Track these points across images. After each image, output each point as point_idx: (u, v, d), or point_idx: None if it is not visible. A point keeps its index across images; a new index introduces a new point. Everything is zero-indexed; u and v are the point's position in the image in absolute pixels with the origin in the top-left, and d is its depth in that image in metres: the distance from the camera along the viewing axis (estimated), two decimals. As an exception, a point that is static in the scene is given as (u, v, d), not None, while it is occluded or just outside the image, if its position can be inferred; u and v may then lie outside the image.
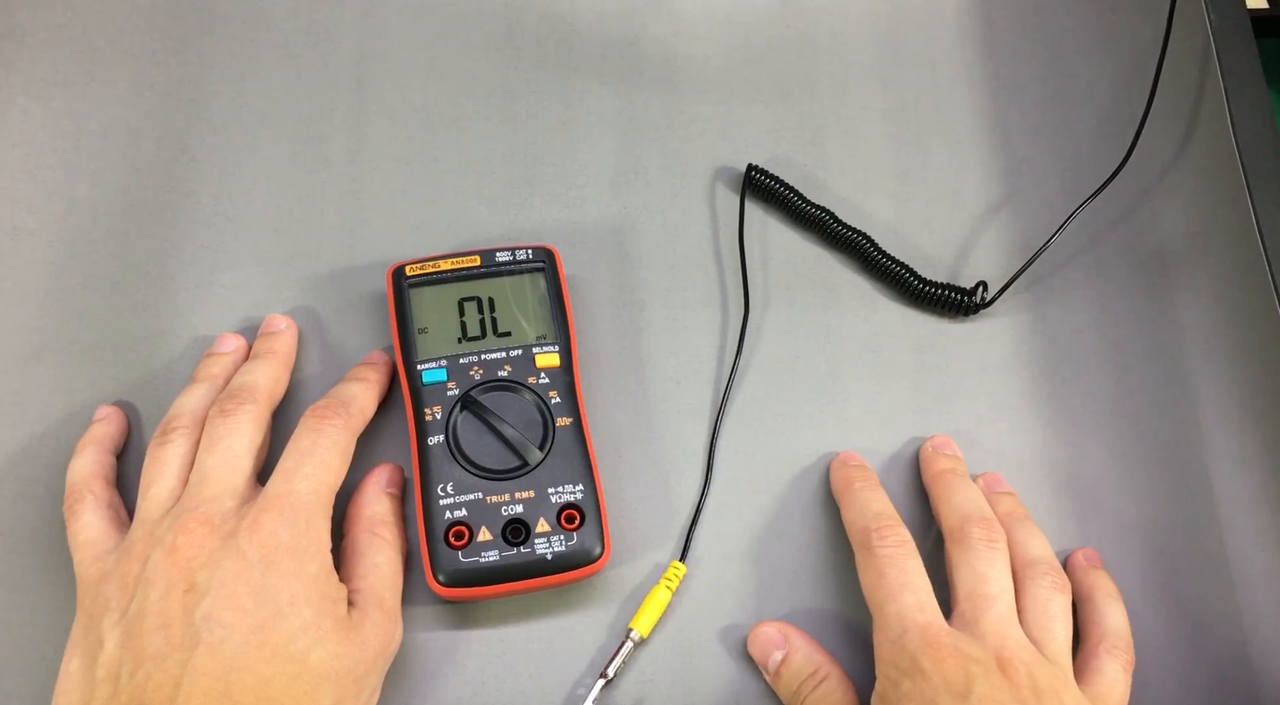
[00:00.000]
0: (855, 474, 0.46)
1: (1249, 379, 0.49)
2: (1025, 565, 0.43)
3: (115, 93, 0.54)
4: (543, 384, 0.45)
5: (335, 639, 0.38)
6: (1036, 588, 0.42)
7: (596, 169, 0.54)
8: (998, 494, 0.46)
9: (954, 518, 0.44)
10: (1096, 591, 0.44)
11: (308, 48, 0.56)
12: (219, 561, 0.38)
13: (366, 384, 0.46)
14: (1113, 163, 0.53)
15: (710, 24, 0.57)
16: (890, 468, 0.48)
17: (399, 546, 0.44)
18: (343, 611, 0.39)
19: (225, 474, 0.41)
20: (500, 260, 0.48)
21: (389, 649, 0.41)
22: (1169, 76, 0.54)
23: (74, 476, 0.44)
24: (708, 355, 0.50)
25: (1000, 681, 0.38)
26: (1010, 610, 0.41)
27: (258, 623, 0.37)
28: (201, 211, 0.52)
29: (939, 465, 0.46)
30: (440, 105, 0.55)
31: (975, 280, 0.51)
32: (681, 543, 0.46)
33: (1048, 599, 0.42)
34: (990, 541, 0.43)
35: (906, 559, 0.42)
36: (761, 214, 0.53)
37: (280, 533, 0.39)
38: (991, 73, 0.57)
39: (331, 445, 0.42)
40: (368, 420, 0.45)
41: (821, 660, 0.42)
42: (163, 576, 0.38)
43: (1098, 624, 0.43)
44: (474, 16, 0.57)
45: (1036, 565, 0.43)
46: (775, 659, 0.43)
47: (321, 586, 0.39)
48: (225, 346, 0.47)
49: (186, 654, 0.36)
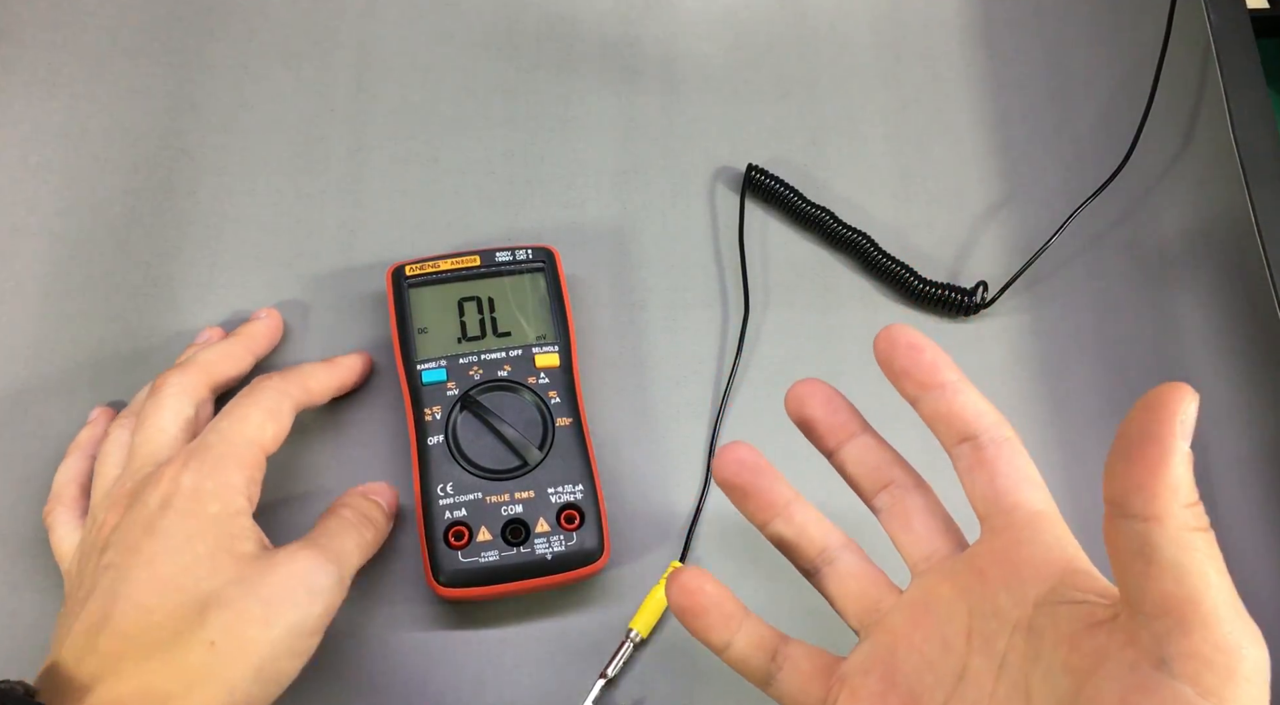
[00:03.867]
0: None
1: (1249, 379, 0.49)
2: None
3: (115, 93, 0.54)
4: (543, 384, 0.45)
5: (234, 569, 0.37)
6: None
7: (596, 169, 0.54)
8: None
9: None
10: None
11: (308, 48, 0.56)
12: (123, 517, 0.38)
13: (328, 367, 0.46)
14: (1113, 163, 0.53)
15: (710, 24, 0.57)
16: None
17: (367, 526, 0.42)
18: (248, 548, 0.38)
19: (150, 448, 0.41)
20: (500, 260, 0.48)
21: (312, 582, 0.38)
22: (1169, 76, 0.54)
23: (54, 483, 0.44)
24: (708, 355, 0.50)
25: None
26: None
27: (148, 558, 0.37)
28: (201, 211, 0.52)
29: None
30: (440, 105, 0.55)
31: (975, 280, 0.51)
32: (681, 543, 0.46)
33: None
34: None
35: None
36: (761, 214, 0.53)
37: (182, 479, 0.38)
38: (991, 73, 0.57)
39: (255, 403, 0.42)
40: (313, 399, 0.45)
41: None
42: (87, 550, 0.39)
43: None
44: (474, 16, 0.57)
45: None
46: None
47: (223, 525, 0.38)
48: (201, 338, 0.48)
49: (83, 605, 0.37)
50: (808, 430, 0.38)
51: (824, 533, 0.37)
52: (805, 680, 0.36)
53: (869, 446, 0.37)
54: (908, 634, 0.34)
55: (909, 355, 0.35)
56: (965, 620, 0.33)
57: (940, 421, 0.34)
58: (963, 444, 0.34)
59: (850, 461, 0.37)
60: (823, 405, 0.37)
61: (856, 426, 0.37)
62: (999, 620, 0.32)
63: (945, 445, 0.35)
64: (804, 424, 0.38)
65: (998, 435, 0.34)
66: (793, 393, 0.37)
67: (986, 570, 0.33)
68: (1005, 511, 0.33)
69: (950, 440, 0.34)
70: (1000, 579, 0.32)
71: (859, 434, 0.37)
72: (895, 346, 0.35)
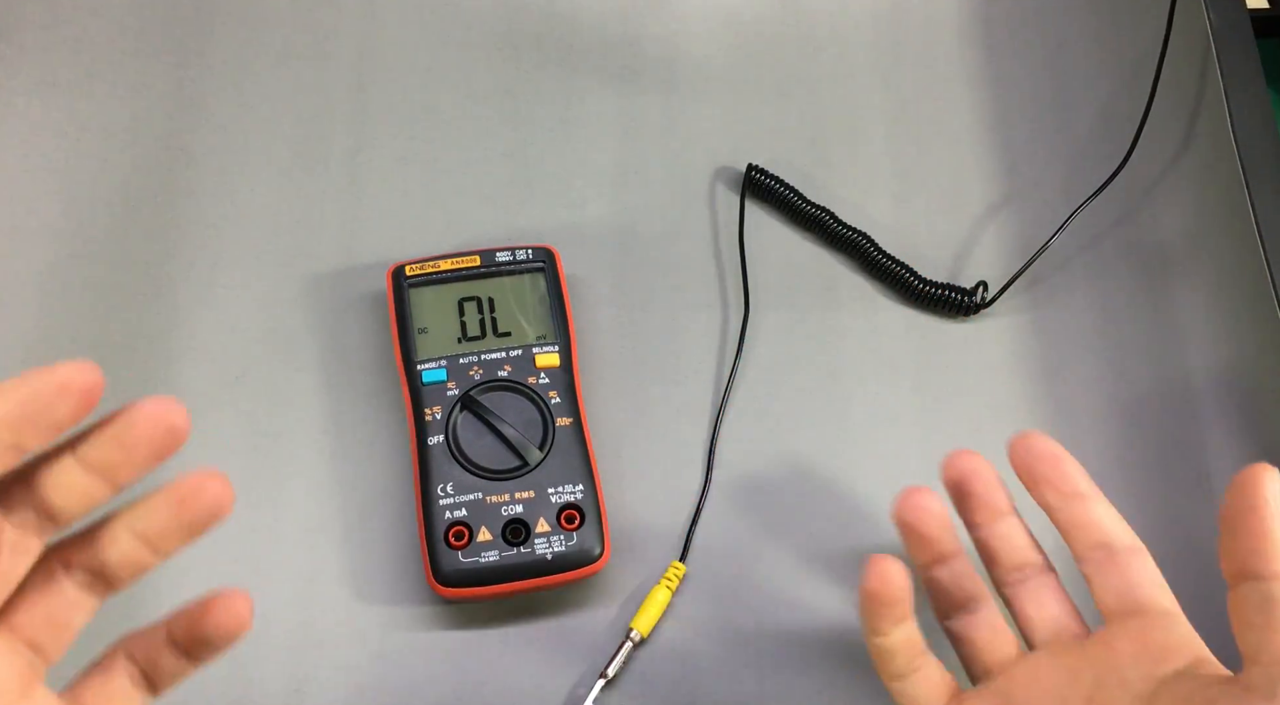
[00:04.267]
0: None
1: (1249, 379, 0.49)
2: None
3: (115, 93, 0.54)
4: (543, 384, 0.45)
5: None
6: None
7: (596, 169, 0.54)
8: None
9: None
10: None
11: (308, 48, 0.56)
12: None
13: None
14: (1113, 163, 0.53)
15: (710, 24, 0.57)
16: (889, 468, 0.48)
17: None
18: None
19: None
20: (500, 260, 0.48)
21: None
22: (1169, 76, 0.54)
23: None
24: (708, 355, 0.50)
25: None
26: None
27: None
28: (201, 211, 0.52)
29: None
30: (440, 105, 0.55)
31: (975, 280, 0.51)
32: (681, 543, 0.46)
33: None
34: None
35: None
36: (761, 214, 0.53)
37: None
38: (991, 73, 0.57)
39: None
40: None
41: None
42: None
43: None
44: (474, 16, 0.57)
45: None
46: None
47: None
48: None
49: None
50: (961, 501, 0.39)
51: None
52: (932, 689, 0.37)
53: (1016, 528, 0.39)
54: (1027, 685, 0.36)
55: (1052, 465, 0.38)
56: (1089, 687, 0.35)
57: (1078, 528, 0.37)
58: (1097, 549, 0.37)
59: (996, 537, 0.39)
60: (983, 482, 0.39)
61: (1007, 507, 0.39)
62: (1123, 690, 0.34)
63: (1078, 548, 0.37)
64: (961, 496, 0.39)
65: (1132, 544, 0.37)
66: (955, 464, 0.39)
67: (1118, 647, 0.35)
68: (1137, 605, 0.36)
69: (1085, 545, 0.37)
70: (1130, 655, 0.35)
71: (1008, 515, 0.39)
72: (1037, 457, 0.38)
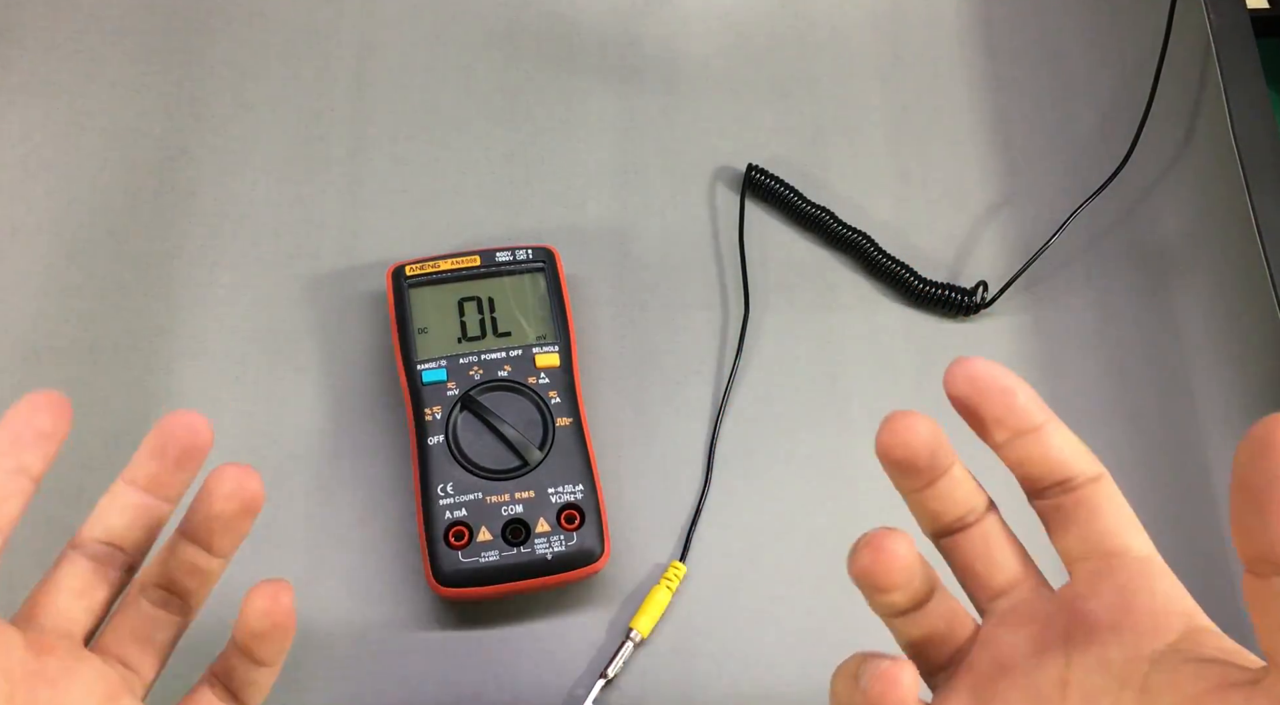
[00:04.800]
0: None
1: (1249, 379, 0.49)
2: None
3: (115, 93, 0.54)
4: (543, 384, 0.45)
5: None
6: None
7: (596, 169, 0.54)
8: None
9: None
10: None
11: (308, 48, 0.56)
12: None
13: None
14: (1113, 163, 0.53)
15: (710, 24, 0.57)
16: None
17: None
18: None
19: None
20: (500, 260, 0.48)
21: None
22: (1169, 76, 0.54)
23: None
24: (708, 355, 0.50)
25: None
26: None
27: None
28: (201, 211, 0.52)
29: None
30: (440, 105, 0.55)
31: (975, 280, 0.51)
32: (681, 543, 0.46)
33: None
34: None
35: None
36: (761, 214, 0.53)
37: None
38: (991, 73, 0.57)
39: None
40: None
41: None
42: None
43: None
44: (474, 16, 0.57)
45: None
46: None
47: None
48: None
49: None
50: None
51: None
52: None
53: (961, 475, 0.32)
54: (991, 679, 0.30)
55: (1002, 401, 0.30)
56: (1061, 670, 0.29)
57: (1031, 465, 0.31)
58: (1054, 487, 0.31)
59: (938, 496, 0.32)
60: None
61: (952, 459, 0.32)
62: (1105, 674, 0.28)
63: (1031, 488, 0.31)
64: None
65: (1093, 473, 0.30)
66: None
67: (1094, 617, 0.29)
68: (1108, 555, 0.30)
69: (1040, 484, 0.31)
70: (1110, 628, 0.29)
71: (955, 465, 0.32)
72: (983, 391, 0.31)
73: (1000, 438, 0.31)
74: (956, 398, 0.31)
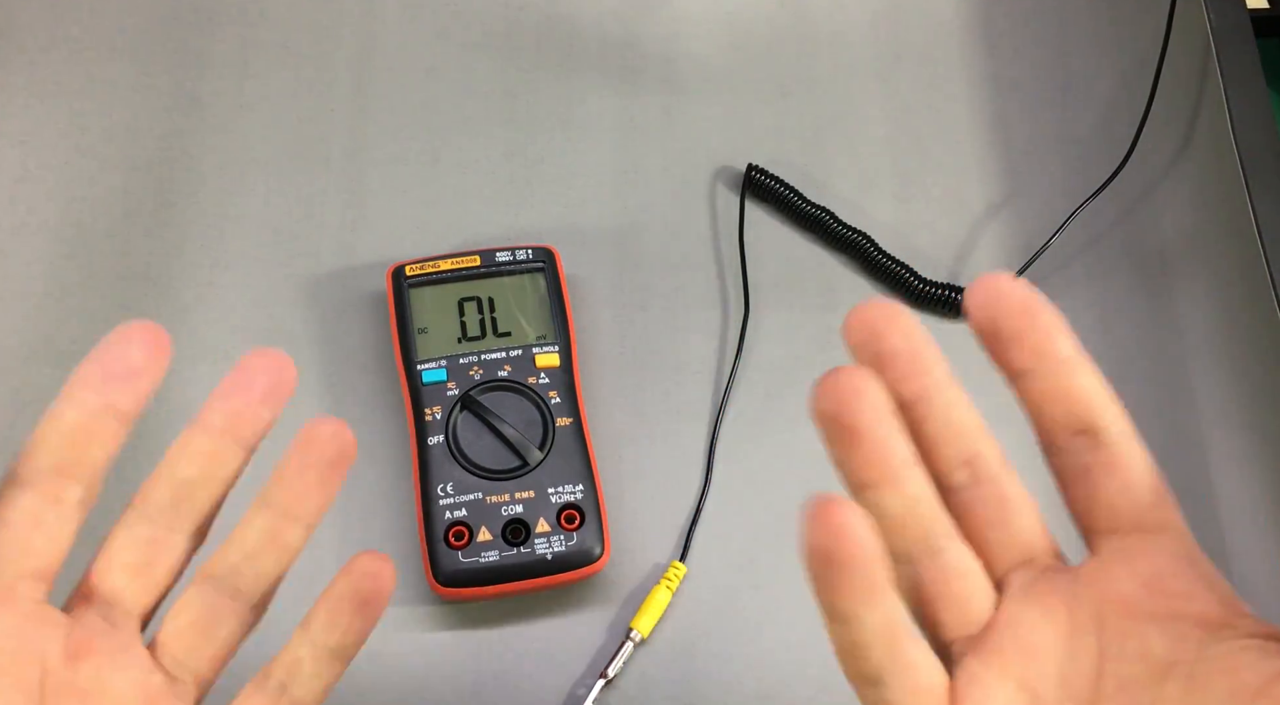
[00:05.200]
0: None
1: (1249, 379, 0.49)
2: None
3: (115, 93, 0.54)
4: (543, 384, 0.45)
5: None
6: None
7: (596, 169, 0.54)
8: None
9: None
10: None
11: (308, 48, 0.56)
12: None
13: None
14: (1113, 163, 0.53)
15: (710, 24, 0.57)
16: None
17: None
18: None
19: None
20: (500, 260, 0.48)
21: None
22: (1169, 76, 0.54)
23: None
24: (708, 355, 0.50)
25: None
26: None
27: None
28: (201, 211, 0.52)
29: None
30: (440, 105, 0.55)
31: (975, 280, 0.51)
32: (681, 543, 0.46)
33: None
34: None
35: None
36: (761, 214, 0.53)
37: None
38: (991, 73, 0.57)
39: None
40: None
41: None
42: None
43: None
44: (474, 16, 0.57)
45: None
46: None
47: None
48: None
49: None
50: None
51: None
52: (922, 696, 0.27)
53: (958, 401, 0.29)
54: (1019, 665, 0.26)
55: (1025, 316, 0.28)
56: (1094, 659, 0.26)
57: (1053, 404, 0.27)
58: (1078, 437, 0.27)
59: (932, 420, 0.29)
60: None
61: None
62: (1144, 664, 0.25)
63: (1049, 436, 0.28)
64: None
65: (1124, 428, 0.27)
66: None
67: (1129, 602, 0.26)
68: (1140, 531, 0.27)
69: (1061, 432, 0.27)
70: (1148, 617, 0.26)
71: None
72: (1005, 310, 0.28)
73: (1019, 363, 0.28)
74: (975, 312, 0.28)
